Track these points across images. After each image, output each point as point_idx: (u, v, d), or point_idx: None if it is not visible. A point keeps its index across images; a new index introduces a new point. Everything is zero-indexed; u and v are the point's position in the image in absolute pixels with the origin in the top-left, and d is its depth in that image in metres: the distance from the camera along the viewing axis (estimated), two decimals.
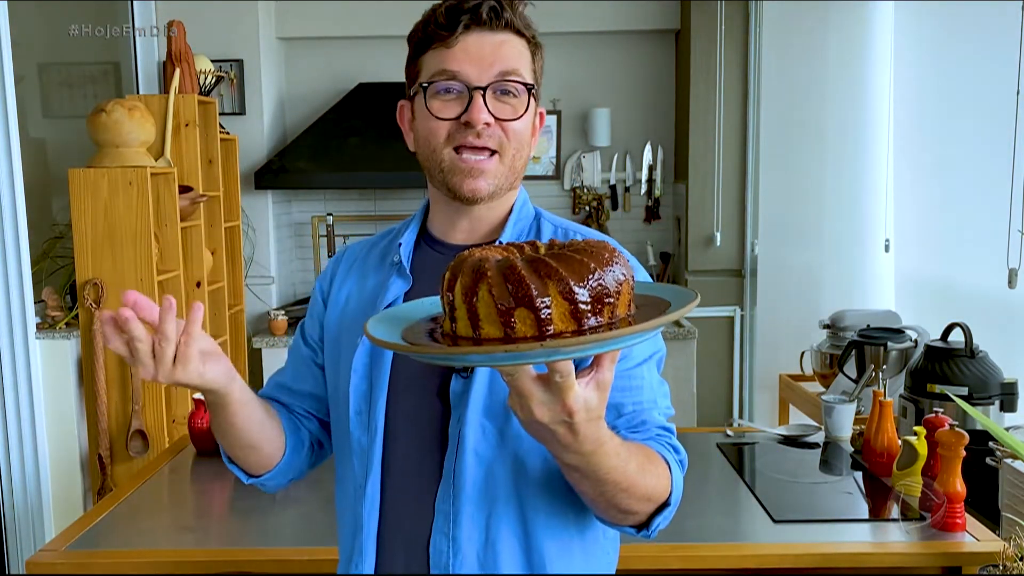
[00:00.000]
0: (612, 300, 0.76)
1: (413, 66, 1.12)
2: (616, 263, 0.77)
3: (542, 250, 0.83)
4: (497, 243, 1.10)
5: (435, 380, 1.07)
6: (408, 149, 1.18)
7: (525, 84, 1.07)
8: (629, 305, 0.79)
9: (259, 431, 1.12)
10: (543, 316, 0.73)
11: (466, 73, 1.05)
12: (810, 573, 1.66)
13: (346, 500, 1.15)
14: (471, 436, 1.04)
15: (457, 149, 1.07)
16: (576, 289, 0.74)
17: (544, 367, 0.78)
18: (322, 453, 1.25)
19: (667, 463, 1.01)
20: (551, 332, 0.74)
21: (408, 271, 1.14)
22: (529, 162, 1.15)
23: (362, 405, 1.11)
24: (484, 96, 1.05)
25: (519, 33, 1.08)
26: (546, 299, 0.74)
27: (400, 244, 1.16)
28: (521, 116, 1.07)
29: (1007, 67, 2.32)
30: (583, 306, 0.74)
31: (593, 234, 1.17)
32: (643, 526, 1.01)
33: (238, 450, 1.14)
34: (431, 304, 0.91)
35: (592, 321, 0.75)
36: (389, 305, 1.11)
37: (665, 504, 1.00)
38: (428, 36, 1.08)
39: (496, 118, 1.06)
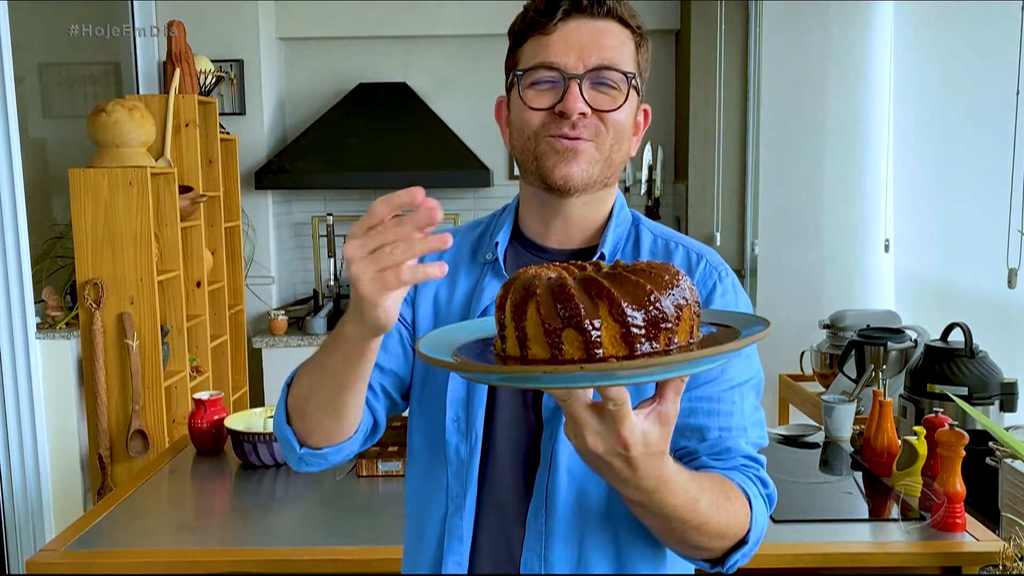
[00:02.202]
0: (670, 326, 0.71)
1: (511, 59, 1.07)
2: (677, 287, 0.72)
3: (605, 270, 0.78)
4: (598, 252, 1.07)
5: (531, 394, 1.04)
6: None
7: (625, 73, 1.01)
8: (691, 332, 0.74)
9: (358, 396, 0.99)
10: (592, 338, 0.69)
11: (563, 61, 1.00)
12: (810, 573, 1.66)
13: (432, 509, 1.08)
14: (564, 453, 1.00)
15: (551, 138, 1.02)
16: (629, 312, 0.69)
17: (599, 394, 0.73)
18: (372, 438, 1.12)
19: (748, 498, 0.94)
20: (600, 355, 0.69)
21: (503, 271, 1.09)
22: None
23: (460, 413, 1.06)
24: (580, 85, 0.99)
25: (622, 22, 1.03)
26: (596, 321, 0.69)
27: (497, 243, 1.10)
28: (620, 107, 1.01)
29: (1007, 67, 2.32)
30: (636, 330, 0.69)
31: (696, 245, 1.11)
32: (718, 562, 0.95)
33: (328, 412, 0.99)
34: (490, 324, 0.85)
35: (646, 347, 0.70)
36: (486, 309, 1.06)
37: (743, 541, 0.94)
38: (527, 24, 1.03)
39: (593, 108, 1.00)
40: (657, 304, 0.70)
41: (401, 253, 0.79)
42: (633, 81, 1.03)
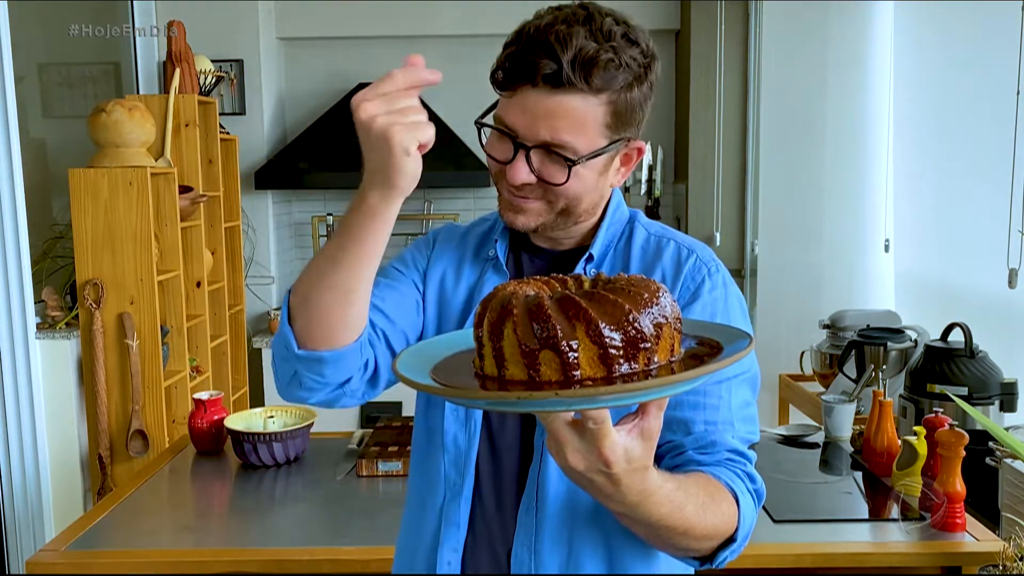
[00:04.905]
0: (648, 345, 0.70)
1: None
2: (656, 304, 0.72)
3: (586, 285, 0.78)
4: (587, 252, 1.08)
5: None
6: None
7: (567, 158, 0.98)
8: (672, 349, 0.73)
9: (370, 277, 0.96)
10: (569, 360, 0.68)
11: (515, 127, 0.99)
12: (810, 573, 1.66)
13: (431, 497, 1.09)
14: None
15: None
16: (606, 332, 0.69)
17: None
18: (372, 389, 1.08)
19: (735, 495, 0.94)
20: (577, 377, 0.69)
21: (504, 267, 1.12)
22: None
23: (457, 410, 1.07)
24: (528, 155, 0.99)
25: (585, 93, 0.95)
26: (573, 342, 0.69)
27: (496, 240, 1.13)
28: (565, 182, 1.00)
29: (1007, 67, 2.32)
30: (613, 351, 0.69)
31: (688, 241, 1.11)
32: (707, 559, 0.95)
33: (337, 295, 0.95)
34: (466, 337, 0.84)
35: (624, 367, 0.69)
36: None
37: (731, 539, 0.93)
38: (493, 81, 1.02)
39: (539, 178, 1.00)
40: (635, 324, 0.69)
41: (420, 114, 0.84)
42: (580, 162, 0.98)
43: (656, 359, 0.71)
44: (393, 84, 0.84)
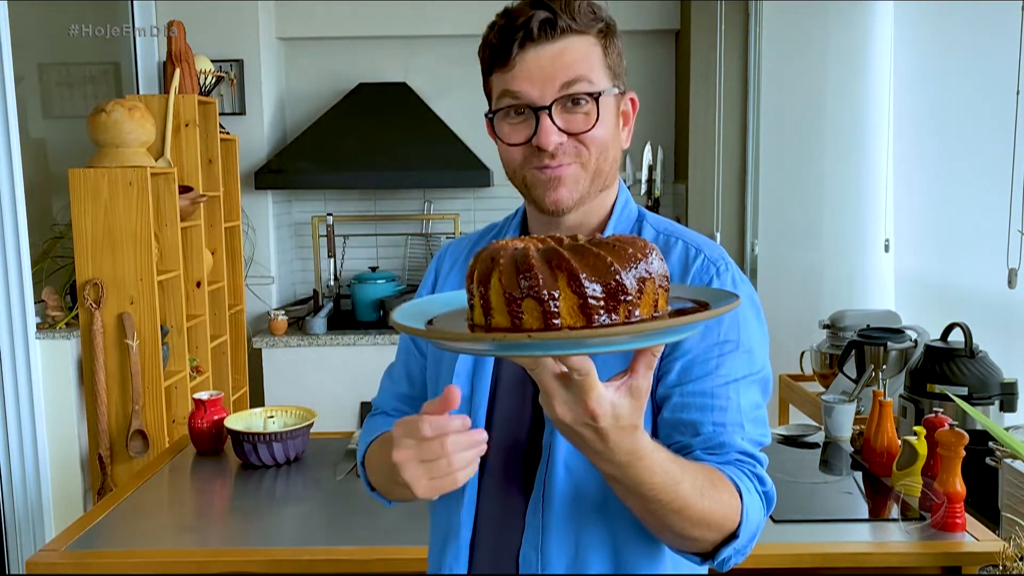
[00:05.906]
0: (630, 298, 0.72)
1: (486, 84, 1.08)
2: (642, 260, 0.73)
3: (580, 242, 0.79)
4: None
5: (531, 388, 1.05)
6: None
7: (591, 93, 1.00)
8: (656, 306, 0.74)
9: None
10: (550, 308, 0.70)
11: (528, 94, 0.99)
12: (810, 573, 1.66)
13: (441, 503, 1.10)
14: (562, 447, 1.01)
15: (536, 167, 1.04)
16: (587, 284, 0.71)
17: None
18: None
19: (739, 491, 0.94)
20: (557, 325, 0.70)
21: None
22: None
23: (463, 410, 1.07)
24: (551, 115, 0.99)
25: (580, 32, 1.01)
26: (555, 291, 0.71)
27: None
28: (595, 125, 1.01)
29: (1007, 67, 2.32)
30: (594, 302, 0.70)
31: (696, 239, 1.10)
32: (709, 556, 0.95)
33: (397, 489, 1.05)
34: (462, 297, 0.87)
35: (604, 319, 0.71)
36: None
37: (734, 535, 0.93)
38: (488, 60, 1.04)
39: (569, 133, 1.00)
40: (616, 276, 0.71)
41: (449, 465, 0.84)
42: (604, 94, 1.02)
43: (638, 313, 0.72)
44: (423, 433, 0.84)
